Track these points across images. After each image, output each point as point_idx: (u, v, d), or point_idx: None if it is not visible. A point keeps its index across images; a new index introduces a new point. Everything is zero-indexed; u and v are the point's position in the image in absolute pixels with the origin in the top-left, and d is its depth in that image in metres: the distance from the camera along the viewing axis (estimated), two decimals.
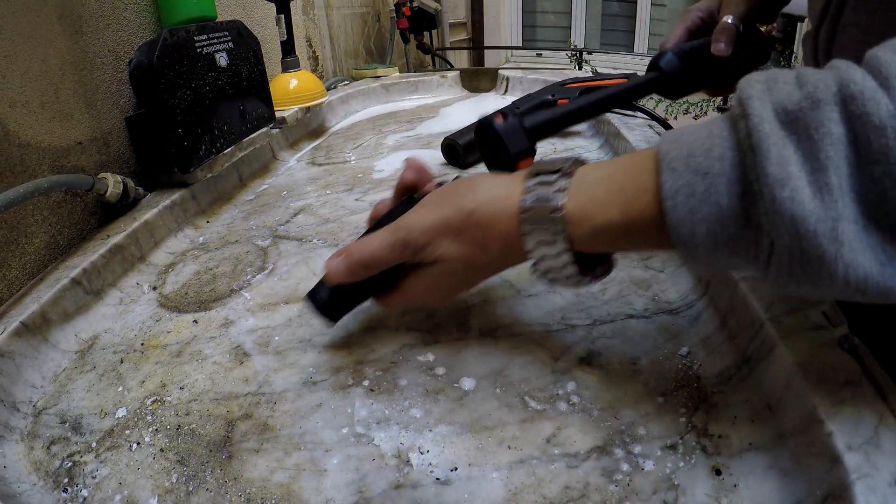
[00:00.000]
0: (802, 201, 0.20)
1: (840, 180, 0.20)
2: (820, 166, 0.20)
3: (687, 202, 0.23)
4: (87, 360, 0.43)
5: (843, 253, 0.20)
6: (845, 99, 0.20)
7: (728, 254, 0.24)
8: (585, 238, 0.28)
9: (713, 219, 0.23)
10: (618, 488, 0.30)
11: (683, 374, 0.37)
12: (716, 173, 0.23)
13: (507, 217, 0.30)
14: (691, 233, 0.23)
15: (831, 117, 0.20)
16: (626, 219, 0.26)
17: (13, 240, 0.49)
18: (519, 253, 0.31)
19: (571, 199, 0.28)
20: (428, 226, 0.33)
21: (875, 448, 0.26)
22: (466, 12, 3.11)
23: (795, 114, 0.21)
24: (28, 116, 0.51)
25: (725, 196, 0.22)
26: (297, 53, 0.93)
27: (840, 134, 0.20)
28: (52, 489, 0.33)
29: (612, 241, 0.28)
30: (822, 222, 0.20)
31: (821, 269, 0.21)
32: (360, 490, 0.31)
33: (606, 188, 0.27)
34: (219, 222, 0.66)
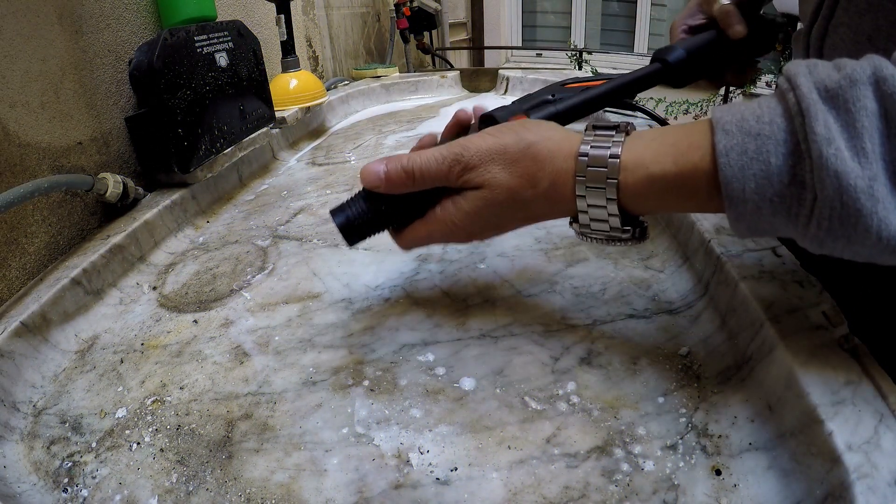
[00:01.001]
0: (845, 159, 0.23)
1: (874, 147, 0.23)
2: (857, 134, 0.23)
3: (739, 159, 0.25)
4: (87, 360, 0.43)
5: (878, 209, 0.23)
6: (878, 80, 0.23)
7: (771, 211, 0.26)
8: (637, 187, 0.29)
9: (762, 175, 0.25)
10: (618, 488, 0.30)
11: (683, 374, 0.37)
12: (766, 135, 0.25)
13: (563, 157, 0.31)
14: (741, 188, 0.25)
15: (866, 94, 0.23)
16: (679, 171, 0.28)
17: (13, 240, 0.49)
18: (565, 198, 0.31)
19: (627, 150, 0.29)
20: (485, 148, 0.32)
21: (875, 448, 0.26)
22: (466, 12, 3.11)
23: (835, 90, 0.24)
24: (28, 116, 0.51)
25: (774, 155, 0.25)
26: (297, 53, 0.93)
27: (873, 109, 0.23)
28: (52, 489, 0.33)
29: (661, 193, 0.29)
30: (860, 179, 0.23)
31: (857, 222, 0.24)
32: (360, 490, 0.31)
33: (661, 143, 0.29)
34: (219, 222, 0.66)
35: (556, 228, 0.57)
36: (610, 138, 0.30)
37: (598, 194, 0.30)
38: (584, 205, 0.31)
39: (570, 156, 0.31)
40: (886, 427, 0.27)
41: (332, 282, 0.51)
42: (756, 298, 0.36)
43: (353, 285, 0.50)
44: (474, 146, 0.33)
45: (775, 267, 0.39)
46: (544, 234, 0.56)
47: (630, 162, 0.29)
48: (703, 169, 0.27)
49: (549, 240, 0.55)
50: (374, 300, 0.47)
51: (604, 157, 0.30)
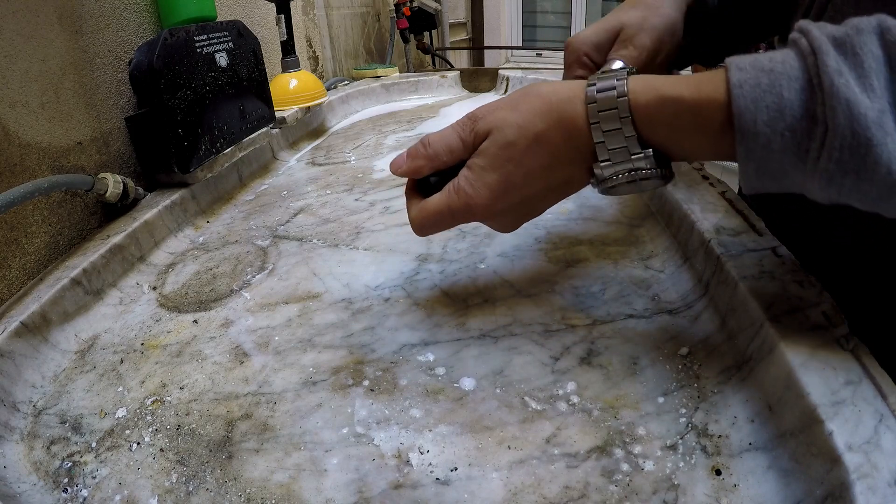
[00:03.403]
0: (855, 91, 0.24)
1: (881, 86, 0.24)
2: (864, 73, 0.24)
3: (752, 91, 0.26)
4: (87, 360, 0.43)
5: (888, 142, 0.23)
6: (883, 30, 0.24)
7: (782, 146, 0.26)
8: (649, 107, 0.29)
9: (774, 108, 0.25)
10: (618, 488, 0.30)
11: (683, 374, 0.37)
12: (779, 71, 0.26)
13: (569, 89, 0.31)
14: (753, 120, 0.26)
15: (872, 40, 0.24)
16: (694, 98, 0.28)
17: (13, 240, 0.49)
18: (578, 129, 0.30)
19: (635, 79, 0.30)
20: (491, 104, 0.34)
21: (875, 448, 0.26)
22: (466, 12, 3.11)
23: (843, 38, 0.25)
24: (28, 116, 0.51)
25: (787, 89, 0.25)
26: (297, 53, 0.93)
27: (878, 54, 0.24)
28: (52, 489, 0.33)
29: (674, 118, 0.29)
30: (871, 110, 0.24)
31: (868, 154, 0.24)
32: (359, 490, 0.31)
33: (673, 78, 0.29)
34: (219, 222, 0.66)
35: (556, 229, 0.57)
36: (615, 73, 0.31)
37: (612, 116, 0.29)
38: (599, 134, 0.30)
39: (578, 88, 0.31)
40: (886, 427, 0.27)
41: (332, 282, 0.51)
42: (756, 298, 0.36)
43: (353, 285, 0.50)
44: (483, 107, 0.34)
45: (775, 267, 0.39)
46: (544, 234, 0.56)
47: (640, 86, 0.29)
48: (716, 100, 0.27)
49: (549, 240, 0.55)
50: (374, 300, 0.47)
51: (611, 83, 0.30)
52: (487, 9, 3.26)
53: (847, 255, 0.42)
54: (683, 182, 0.55)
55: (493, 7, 3.32)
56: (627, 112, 0.29)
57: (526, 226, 0.57)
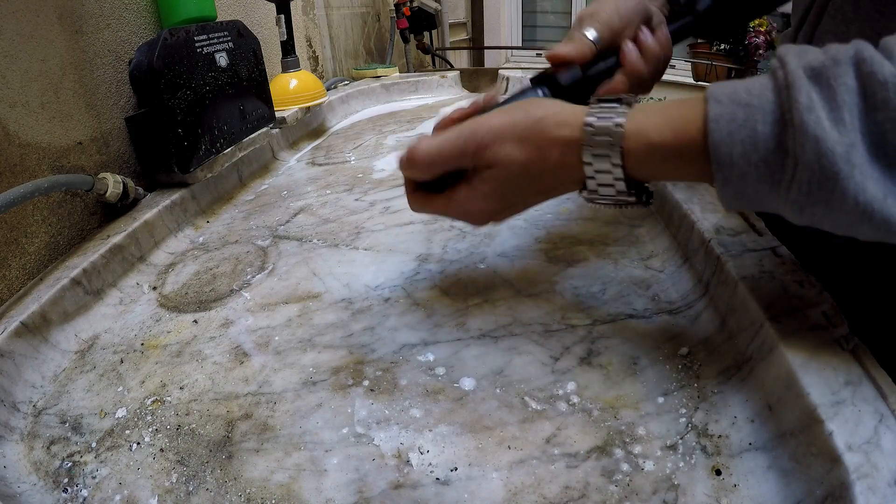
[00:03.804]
0: (824, 127, 0.25)
1: (852, 119, 0.25)
2: (836, 106, 0.25)
3: (728, 125, 0.27)
4: (87, 360, 0.43)
5: (855, 174, 0.24)
6: (859, 61, 0.25)
7: (756, 177, 0.27)
8: (639, 154, 0.31)
9: (748, 141, 0.27)
10: (618, 488, 0.30)
11: (683, 374, 0.37)
12: (755, 105, 0.27)
13: (570, 128, 0.33)
14: (729, 153, 0.27)
15: (847, 72, 0.25)
16: (676, 141, 0.30)
17: (13, 240, 0.49)
18: (573, 166, 0.33)
19: (631, 120, 0.31)
20: (496, 125, 0.34)
21: (875, 448, 0.26)
22: (466, 12, 3.11)
23: (819, 69, 0.26)
24: (28, 116, 0.51)
25: (761, 123, 0.26)
26: (297, 53, 0.93)
27: (853, 85, 0.25)
28: (52, 489, 0.33)
29: (661, 161, 0.31)
30: (838, 145, 0.25)
31: (835, 187, 0.25)
32: (360, 490, 0.31)
33: (661, 115, 0.31)
34: (219, 222, 0.66)
35: (556, 228, 0.57)
36: (614, 109, 0.32)
37: (604, 160, 0.32)
38: (591, 171, 0.32)
39: (577, 126, 0.32)
40: (886, 427, 0.27)
41: (332, 282, 0.51)
42: (756, 298, 0.36)
43: (353, 285, 0.50)
44: (485, 124, 0.34)
45: (775, 267, 0.39)
46: (544, 235, 0.56)
47: (633, 131, 0.31)
48: (697, 139, 0.29)
49: (549, 240, 0.55)
50: (374, 300, 0.47)
51: (608, 126, 0.31)
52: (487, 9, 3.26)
53: (847, 255, 0.42)
54: (683, 182, 0.55)
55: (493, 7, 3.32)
56: (619, 160, 0.31)
57: (526, 226, 0.58)
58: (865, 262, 0.41)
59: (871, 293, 0.40)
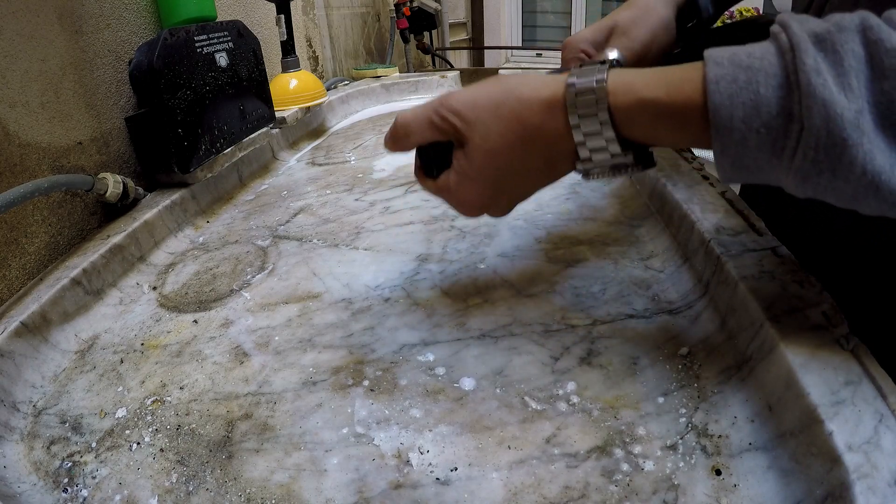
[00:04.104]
0: (832, 91, 0.24)
1: (860, 86, 0.24)
2: (843, 72, 0.24)
3: (729, 87, 0.25)
4: (87, 360, 0.43)
5: (864, 142, 0.23)
6: (865, 29, 0.24)
7: (757, 143, 0.26)
8: (629, 110, 0.29)
9: (750, 104, 0.25)
10: (618, 488, 0.30)
11: (683, 374, 0.37)
12: (757, 68, 0.25)
13: (550, 91, 0.31)
14: (729, 116, 0.26)
15: (854, 38, 0.24)
16: (671, 100, 0.28)
17: (13, 240, 0.49)
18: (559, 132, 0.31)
19: (614, 76, 0.30)
20: (468, 95, 0.33)
21: (875, 448, 0.26)
22: (466, 12, 3.11)
23: (824, 35, 0.25)
24: (28, 116, 0.51)
25: (764, 86, 0.25)
26: (297, 53, 0.93)
27: (860, 53, 0.24)
28: (52, 489, 0.33)
29: (653, 120, 0.29)
30: (847, 110, 0.23)
31: (843, 154, 0.24)
32: (359, 490, 0.31)
33: (654, 74, 0.29)
34: (219, 222, 0.66)
35: (556, 228, 0.57)
36: (595, 69, 0.30)
37: (591, 120, 0.30)
38: (579, 135, 0.30)
39: (558, 89, 0.31)
40: (886, 427, 0.27)
41: (332, 282, 0.51)
42: (756, 298, 0.36)
43: (353, 285, 0.50)
44: (459, 95, 0.33)
45: (775, 267, 0.39)
46: (544, 235, 0.56)
47: (619, 86, 0.29)
48: (694, 100, 0.27)
49: (549, 240, 0.55)
50: (374, 300, 0.47)
51: (590, 83, 0.29)
52: (487, 9, 3.26)
53: (847, 254, 0.42)
54: (683, 182, 0.55)
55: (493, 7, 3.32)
56: (607, 116, 0.29)
57: (526, 226, 0.58)
58: (865, 261, 0.41)
59: (871, 293, 0.40)
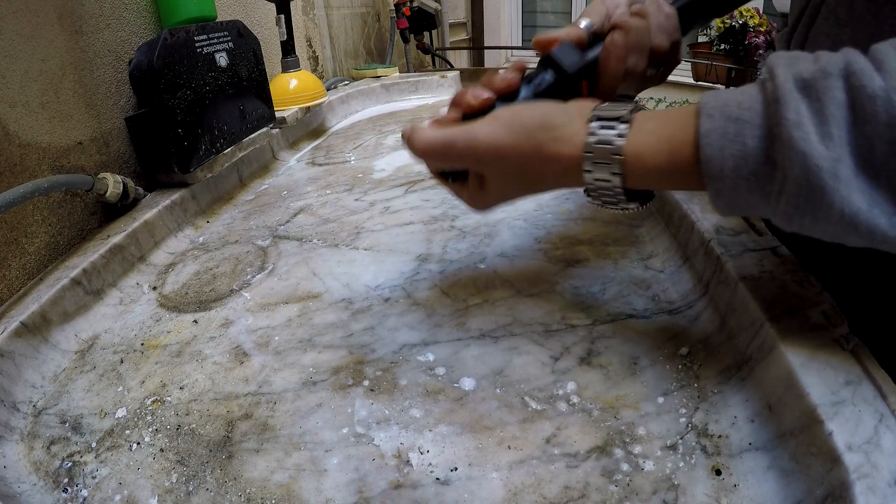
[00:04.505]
0: (811, 142, 0.25)
1: (840, 133, 0.25)
2: (825, 120, 0.25)
3: (719, 140, 0.28)
4: (87, 360, 0.43)
5: (840, 188, 0.25)
6: (849, 74, 0.25)
7: (747, 189, 0.28)
8: (637, 177, 0.32)
9: (739, 155, 0.27)
10: (618, 488, 0.30)
11: (683, 374, 0.37)
12: (745, 120, 0.27)
13: (569, 153, 0.34)
14: (720, 167, 0.28)
15: (837, 85, 0.26)
16: (671, 163, 0.31)
17: (13, 240, 0.49)
18: (574, 176, 0.34)
19: (629, 145, 0.32)
20: (495, 143, 0.35)
21: (875, 448, 0.26)
22: (466, 12, 3.11)
23: (809, 81, 0.26)
24: (28, 116, 0.51)
25: (750, 138, 0.27)
26: (297, 53, 0.93)
27: (842, 99, 0.25)
28: (52, 489, 0.33)
29: (658, 180, 0.32)
30: (825, 160, 0.25)
31: (822, 199, 0.26)
32: (360, 490, 0.31)
33: (658, 137, 0.32)
34: (219, 222, 0.66)
35: (556, 228, 0.57)
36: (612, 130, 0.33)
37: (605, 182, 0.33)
38: (590, 178, 0.34)
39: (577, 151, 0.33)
40: (886, 427, 0.27)
41: (332, 282, 0.51)
42: (756, 298, 0.36)
43: (353, 285, 0.50)
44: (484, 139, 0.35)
45: (775, 267, 0.39)
46: (544, 234, 0.56)
47: (631, 156, 0.32)
48: (690, 160, 0.30)
49: (549, 240, 0.55)
50: (374, 300, 0.47)
51: (607, 152, 0.32)
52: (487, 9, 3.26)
53: (847, 255, 0.42)
54: None
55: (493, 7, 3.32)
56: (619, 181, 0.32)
57: (526, 226, 0.58)
58: (865, 262, 0.41)
59: (871, 293, 0.40)
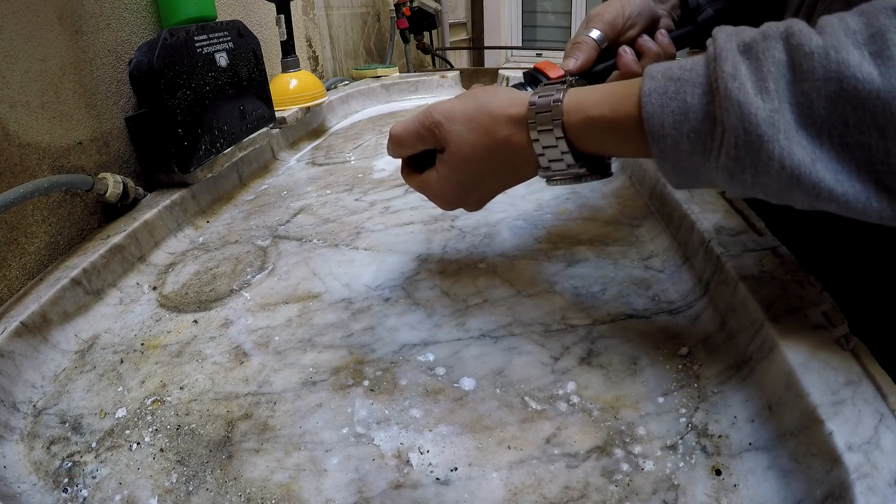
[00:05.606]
0: (748, 92, 0.26)
1: (777, 88, 0.26)
2: (762, 76, 0.26)
3: (660, 98, 0.29)
4: (87, 360, 0.43)
5: (779, 138, 0.25)
6: (788, 35, 0.26)
7: (689, 147, 0.28)
8: (579, 127, 0.33)
9: (679, 112, 0.28)
10: (618, 488, 0.30)
11: (683, 374, 0.37)
12: (685, 79, 0.28)
13: (516, 108, 0.36)
14: (661, 123, 0.28)
15: (776, 46, 0.26)
16: (614, 115, 0.31)
17: (13, 240, 0.49)
18: (522, 144, 0.35)
19: (569, 96, 0.34)
20: (448, 107, 0.38)
21: (875, 448, 0.26)
22: (466, 12, 3.11)
23: (750, 44, 0.27)
24: (28, 116, 0.51)
25: (690, 95, 0.28)
26: (297, 53, 0.93)
27: (781, 59, 0.26)
28: (52, 489, 0.33)
29: (600, 134, 0.33)
30: (761, 110, 0.26)
31: (760, 149, 0.26)
32: (360, 490, 0.31)
33: (601, 92, 0.33)
34: (219, 222, 0.66)
35: (556, 228, 0.57)
36: (553, 88, 0.35)
37: (548, 135, 0.34)
38: (539, 147, 0.35)
39: (522, 106, 0.35)
40: (886, 427, 0.27)
41: (332, 282, 0.51)
42: (756, 298, 0.36)
43: (353, 285, 0.50)
44: (440, 106, 0.38)
45: (775, 267, 0.39)
46: (544, 234, 0.56)
47: (572, 105, 0.33)
48: (633, 113, 0.30)
49: (549, 240, 0.55)
50: (374, 300, 0.47)
51: (548, 102, 0.34)
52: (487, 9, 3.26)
53: (847, 255, 0.42)
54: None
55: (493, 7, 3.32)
56: (561, 133, 0.34)
57: (526, 226, 0.58)
58: (865, 262, 0.41)
59: (871, 293, 0.40)
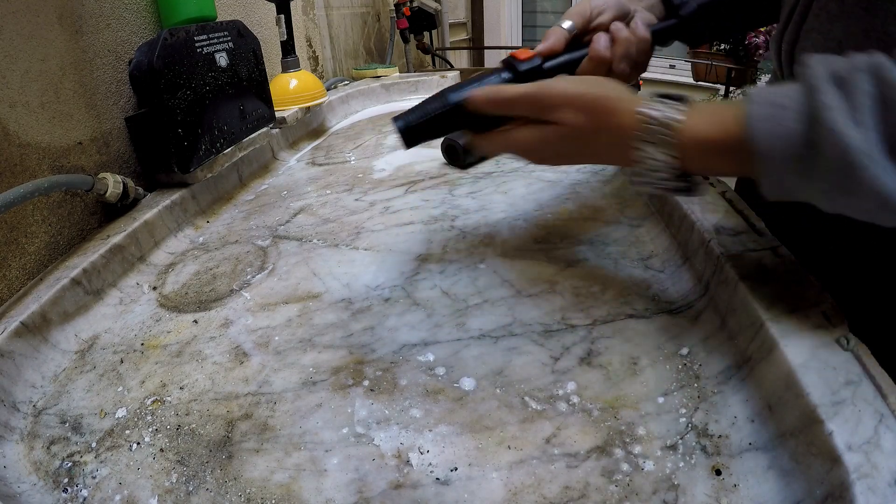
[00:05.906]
0: (847, 124, 0.28)
1: (869, 119, 0.28)
2: (856, 107, 0.28)
3: (765, 124, 0.31)
4: (87, 360, 0.43)
5: (873, 167, 0.27)
6: (875, 68, 0.29)
7: (791, 169, 0.30)
8: (691, 148, 0.35)
9: (783, 136, 0.30)
10: (618, 488, 0.30)
11: (683, 374, 0.37)
12: (787, 106, 0.30)
13: (629, 113, 0.36)
14: (770, 147, 0.31)
15: (865, 79, 0.28)
16: (724, 137, 0.33)
17: (13, 240, 0.49)
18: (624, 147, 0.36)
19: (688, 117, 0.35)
20: (570, 91, 0.39)
21: (875, 448, 0.26)
22: (466, 12, 3.11)
23: (841, 74, 0.29)
24: (28, 116, 0.50)
25: (793, 122, 0.30)
26: (297, 53, 0.93)
27: (870, 90, 0.28)
28: (52, 489, 0.33)
29: (708, 155, 0.35)
30: (858, 140, 0.28)
31: (854, 176, 0.28)
32: (360, 490, 0.31)
33: (710, 114, 0.35)
34: (219, 222, 0.66)
35: (556, 228, 0.57)
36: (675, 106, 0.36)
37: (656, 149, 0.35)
38: (641, 155, 0.36)
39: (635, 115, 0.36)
40: (886, 427, 0.27)
41: (332, 282, 0.51)
42: (756, 298, 0.36)
43: (353, 285, 0.50)
44: (559, 88, 0.39)
45: (775, 267, 0.39)
46: (544, 235, 0.56)
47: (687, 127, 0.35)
48: (740, 136, 0.32)
49: (549, 240, 0.55)
50: (374, 300, 0.47)
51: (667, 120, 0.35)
52: (487, 9, 3.26)
53: (847, 255, 0.42)
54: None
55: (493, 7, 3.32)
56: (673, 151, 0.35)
57: (526, 226, 0.58)
58: (866, 262, 0.41)
59: (871, 293, 0.40)
